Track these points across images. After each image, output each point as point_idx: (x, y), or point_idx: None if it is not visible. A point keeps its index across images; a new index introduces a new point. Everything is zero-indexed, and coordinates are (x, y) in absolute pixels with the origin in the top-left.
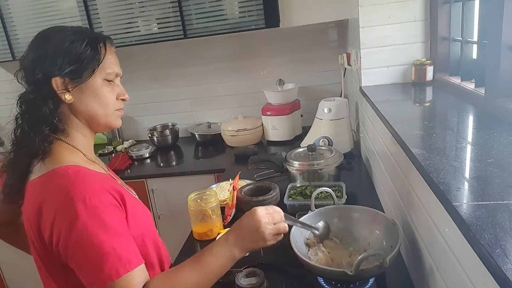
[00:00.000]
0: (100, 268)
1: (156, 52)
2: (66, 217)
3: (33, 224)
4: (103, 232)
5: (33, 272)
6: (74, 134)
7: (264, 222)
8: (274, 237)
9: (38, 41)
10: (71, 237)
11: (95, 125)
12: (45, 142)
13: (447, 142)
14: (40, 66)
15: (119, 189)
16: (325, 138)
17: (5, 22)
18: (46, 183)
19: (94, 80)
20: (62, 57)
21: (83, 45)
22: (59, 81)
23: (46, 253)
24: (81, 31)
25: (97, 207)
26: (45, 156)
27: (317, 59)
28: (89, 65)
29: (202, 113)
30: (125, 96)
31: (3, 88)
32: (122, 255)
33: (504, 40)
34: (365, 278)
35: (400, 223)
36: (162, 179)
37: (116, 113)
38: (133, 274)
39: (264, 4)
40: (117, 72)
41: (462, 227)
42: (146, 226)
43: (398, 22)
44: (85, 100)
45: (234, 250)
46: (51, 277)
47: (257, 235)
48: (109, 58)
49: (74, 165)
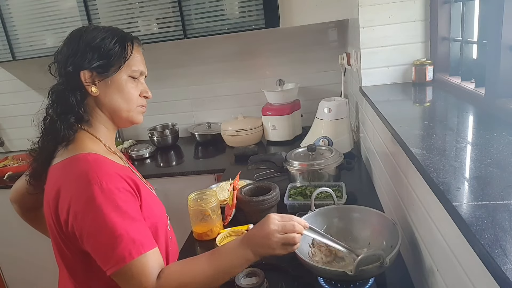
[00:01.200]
0: (114, 250)
1: (156, 52)
2: (82, 200)
3: (51, 206)
4: (118, 215)
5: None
6: (97, 126)
7: (273, 229)
8: (283, 247)
9: (72, 37)
10: (86, 219)
11: (118, 118)
12: (70, 130)
13: (447, 142)
14: (71, 59)
15: (135, 179)
16: (325, 138)
17: (5, 22)
18: (67, 167)
19: (120, 76)
20: (92, 52)
21: (112, 42)
22: (87, 74)
23: (62, 236)
24: (112, 30)
25: (113, 192)
26: (69, 143)
27: (317, 59)
28: (116, 61)
29: (202, 113)
30: (148, 94)
31: (3, 88)
32: (135, 238)
33: (504, 40)
34: (365, 278)
35: (400, 223)
36: (162, 179)
37: (138, 109)
38: (147, 257)
39: (264, 4)
40: (142, 71)
41: (462, 227)
42: (160, 220)
43: (398, 22)
44: (109, 94)
45: (249, 252)
46: (64, 263)
47: (265, 241)
48: (135, 57)
49: (94, 153)
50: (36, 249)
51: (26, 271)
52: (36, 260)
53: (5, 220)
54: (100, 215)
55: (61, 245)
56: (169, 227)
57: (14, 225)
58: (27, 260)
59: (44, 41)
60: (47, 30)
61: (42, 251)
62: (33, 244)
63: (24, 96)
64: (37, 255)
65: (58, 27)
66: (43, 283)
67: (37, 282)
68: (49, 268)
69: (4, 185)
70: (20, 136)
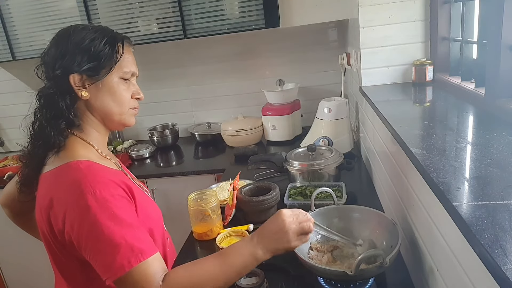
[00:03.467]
0: (113, 259)
1: (156, 52)
2: (77, 210)
3: (44, 215)
4: (114, 224)
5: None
6: (88, 130)
7: (289, 221)
8: (299, 238)
9: (60, 38)
10: (83, 229)
11: (110, 122)
12: (61, 136)
13: (447, 142)
14: (60, 62)
15: (129, 183)
16: (325, 138)
17: (5, 22)
18: (59, 176)
19: (111, 78)
20: (81, 54)
21: (102, 43)
22: (76, 77)
23: (55, 243)
24: (102, 30)
25: (107, 200)
26: (60, 150)
27: (317, 59)
28: (106, 63)
29: (202, 113)
30: (140, 95)
31: (3, 88)
32: (134, 246)
33: (504, 40)
34: (365, 278)
35: (400, 223)
36: (162, 179)
37: (130, 112)
38: (148, 263)
39: (264, 4)
40: (133, 72)
41: (462, 227)
42: (155, 223)
43: (398, 22)
44: (100, 97)
45: (258, 249)
46: (59, 270)
47: (280, 234)
48: (126, 58)
49: (86, 160)
50: (37, 251)
51: (26, 271)
52: (36, 262)
53: (5, 220)
54: (96, 225)
55: (56, 253)
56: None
57: (15, 227)
58: (27, 262)
59: (44, 41)
60: (47, 30)
61: (43, 253)
62: (34, 245)
63: (24, 96)
64: (38, 257)
65: (58, 27)
66: (44, 284)
67: (38, 284)
68: (50, 270)
69: (4, 185)
70: (20, 136)
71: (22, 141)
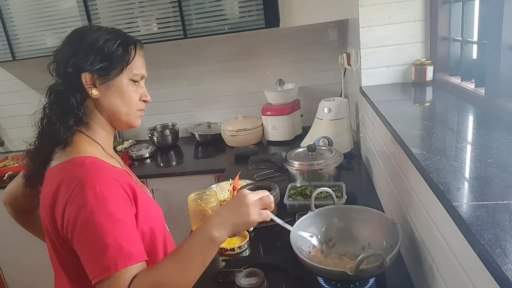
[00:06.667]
0: (100, 259)
1: (156, 52)
2: (76, 204)
3: (47, 210)
4: (108, 223)
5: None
6: (95, 128)
7: (249, 195)
8: (259, 212)
9: (74, 37)
10: (77, 223)
11: (117, 122)
12: (69, 132)
13: (447, 142)
14: (73, 60)
15: (132, 184)
16: (325, 138)
17: (5, 22)
18: (64, 170)
19: (121, 79)
20: (95, 54)
21: (115, 45)
22: (88, 76)
23: (58, 240)
24: (115, 32)
25: (106, 197)
26: (67, 146)
27: (317, 59)
28: (118, 64)
29: (202, 113)
30: (147, 98)
31: (3, 88)
32: (123, 248)
33: (504, 40)
34: (365, 278)
35: (400, 223)
36: (162, 179)
37: (137, 113)
38: (130, 271)
39: (264, 4)
40: (143, 74)
41: (462, 227)
42: (157, 223)
43: (398, 22)
44: (109, 97)
45: (213, 230)
46: (62, 268)
47: (239, 208)
48: (137, 60)
49: (92, 156)
50: (37, 251)
51: (26, 271)
52: (36, 262)
53: (5, 220)
54: (90, 221)
55: (58, 249)
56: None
57: (16, 227)
58: (27, 262)
59: (44, 41)
60: (47, 30)
61: (43, 253)
62: (34, 245)
63: (24, 96)
64: (38, 257)
65: (58, 27)
66: (44, 284)
67: (38, 284)
68: (50, 270)
69: (4, 185)
70: (20, 136)
71: (26, 139)
